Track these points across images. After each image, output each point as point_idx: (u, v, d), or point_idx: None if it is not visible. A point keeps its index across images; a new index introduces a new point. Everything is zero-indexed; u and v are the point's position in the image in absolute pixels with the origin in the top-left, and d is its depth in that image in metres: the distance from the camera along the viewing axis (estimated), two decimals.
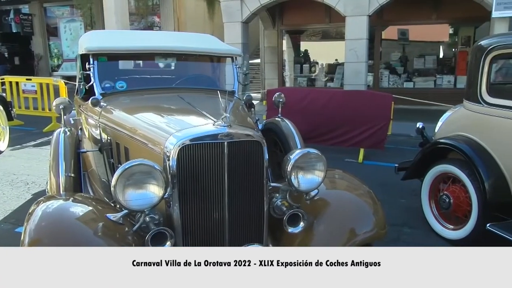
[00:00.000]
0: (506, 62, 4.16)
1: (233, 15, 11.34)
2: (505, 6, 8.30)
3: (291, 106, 5.98)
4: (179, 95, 3.10)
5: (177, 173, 2.04)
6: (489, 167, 3.53)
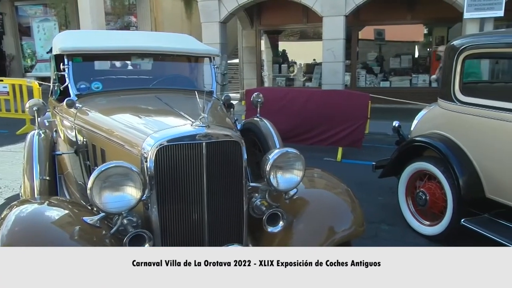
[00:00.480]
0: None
1: (211, 15, 11.29)
2: (475, 8, 8.53)
3: (269, 106, 6.00)
4: (157, 95, 3.07)
5: (155, 175, 2.02)
6: (463, 164, 3.62)
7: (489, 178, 3.50)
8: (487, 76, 8.95)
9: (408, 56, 12.80)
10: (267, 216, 2.24)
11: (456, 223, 3.57)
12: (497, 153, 3.40)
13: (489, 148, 3.47)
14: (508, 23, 10.18)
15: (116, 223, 1.98)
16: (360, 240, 2.67)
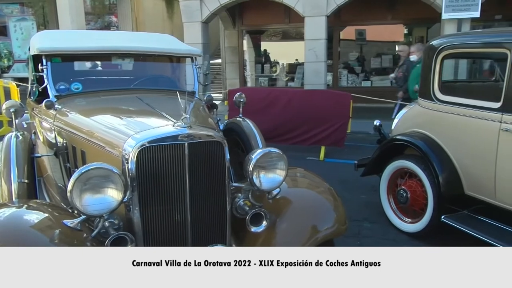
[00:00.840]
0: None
1: (193, 15, 11.23)
2: (453, 9, 8.69)
3: (252, 106, 6.01)
4: (138, 96, 3.04)
5: (136, 176, 2.00)
6: (442, 162, 3.69)
7: (468, 175, 3.57)
8: (465, 75, 9.14)
9: (389, 56, 12.95)
10: (250, 216, 2.24)
11: (436, 219, 3.63)
12: (475, 150, 3.47)
13: (467, 145, 3.54)
14: (484, 23, 10.42)
15: (97, 226, 1.95)
16: (343, 238, 2.70)
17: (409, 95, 7.16)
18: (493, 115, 3.29)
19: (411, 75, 7.16)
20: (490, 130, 3.30)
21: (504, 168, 3.24)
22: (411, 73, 7.19)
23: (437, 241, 3.77)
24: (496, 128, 3.25)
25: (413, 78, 7.04)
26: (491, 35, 3.71)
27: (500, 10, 10.52)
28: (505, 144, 3.21)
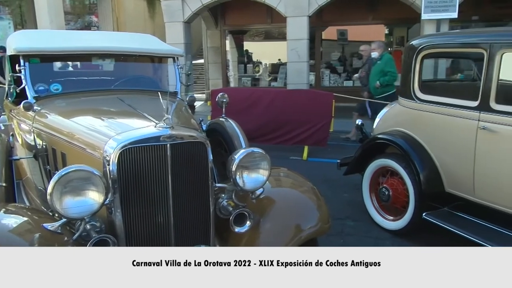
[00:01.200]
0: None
1: (174, 15, 11.16)
2: (432, 9, 8.85)
3: (235, 106, 5.99)
4: (119, 97, 3.01)
5: (118, 178, 1.98)
6: (423, 160, 3.75)
7: (448, 173, 3.64)
8: (444, 74, 9.32)
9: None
10: (234, 216, 2.25)
11: (418, 217, 3.69)
12: (454, 148, 3.54)
13: (447, 143, 3.61)
14: (462, 24, 10.63)
15: (78, 229, 1.93)
16: (326, 236, 2.72)
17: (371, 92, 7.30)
18: (471, 113, 3.36)
19: (372, 72, 7.28)
20: (469, 128, 3.37)
21: (482, 165, 3.31)
22: (372, 69, 7.31)
23: (419, 238, 3.83)
24: (474, 126, 3.32)
25: (374, 74, 7.20)
26: (468, 35, 3.79)
27: (476, 11, 10.76)
28: (483, 141, 3.28)
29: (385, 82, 7.03)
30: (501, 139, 3.15)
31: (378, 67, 7.17)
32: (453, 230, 3.34)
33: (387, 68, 7.05)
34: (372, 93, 7.27)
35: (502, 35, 3.39)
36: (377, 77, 7.10)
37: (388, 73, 7.02)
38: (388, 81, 7.04)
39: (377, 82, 7.05)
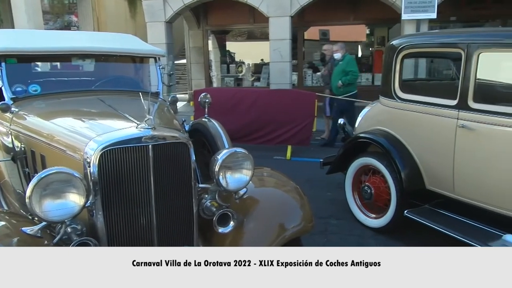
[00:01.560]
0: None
1: (156, 15, 11.07)
2: (412, 10, 9.00)
3: (218, 106, 5.99)
4: (99, 97, 2.97)
5: (99, 180, 1.96)
6: (404, 158, 3.80)
7: (428, 171, 3.70)
8: (424, 74, 9.47)
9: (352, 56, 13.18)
10: (218, 217, 2.24)
11: (399, 214, 3.74)
12: (434, 146, 3.60)
13: (427, 142, 3.67)
14: (441, 24, 10.83)
15: (59, 232, 1.89)
16: (310, 235, 2.74)
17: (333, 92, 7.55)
18: (450, 112, 3.42)
19: (334, 72, 7.57)
20: (448, 127, 3.43)
21: (461, 163, 3.38)
22: (334, 70, 7.58)
23: (401, 235, 3.89)
24: (453, 125, 3.39)
25: (336, 74, 7.47)
26: (447, 35, 3.86)
27: (454, 12, 10.98)
28: (462, 139, 3.34)
29: (346, 82, 7.31)
30: (479, 137, 3.22)
31: (340, 67, 7.46)
32: (434, 227, 3.40)
33: (349, 68, 7.36)
34: (335, 92, 7.55)
35: (478, 35, 3.47)
36: (339, 77, 7.38)
37: (350, 72, 7.33)
38: (350, 81, 7.35)
39: (339, 82, 7.32)
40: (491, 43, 3.26)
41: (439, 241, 3.50)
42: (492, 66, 3.35)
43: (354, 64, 7.52)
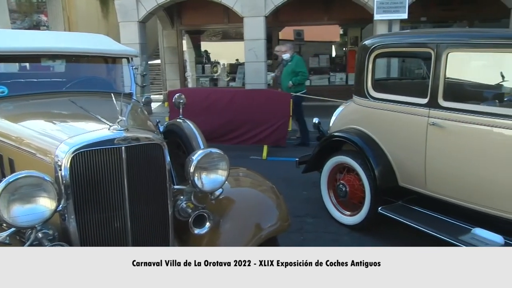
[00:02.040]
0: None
1: (129, 14, 10.91)
2: (383, 10, 9.17)
3: (193, 107, 5.96)
4: (71, 99, 2.91)
5: (71, 183, 1.91)
6: (377, 156, 3.87)
7: (401, 168, 3.78)
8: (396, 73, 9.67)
9: (326, 56, 13.38)
10: (193, 218, 2.22)
11: (374, 211, 3.80)
12: (406, 144, 3.68)
13: (400, 139, 3.75)
14: (412, 24, 11.08)
15: (29, 238, 1.84)
16: (286, 234, 2.75)
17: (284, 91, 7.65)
18: (421, 110, 3.50)
19: (284, 72, 7.70)
20: (419, 125, 3.51)
21: (433, 160, 3.46)
22: (284, 70, 7.70)
23: (375, 232, 3.95)
24: (424, 123, 3.47)
25: (286, 75, 7.61)
26: (417, 35, 3.95)
27: (425, 12, 11.27)
28: (433, 137, 3.43)
29: (297, 82, 7.44)
30: (449, 134, 3.31)
31: (289, 67, 7.57)
32: (407, 223, 3.47)
33: (298, 68, 7.48)
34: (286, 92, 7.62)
35: (447, 35, 3.56)
36: (289, 77, 7.51)
37: (299, 73, 7.46)
38: (300, 81, 7.49)
39: (290, 82, 7.45)
40: (459, 43, 3.35)
41: (413, 237, 3.59)
42: (460, 65, 3.45)
43: (303, 65, 7.67)
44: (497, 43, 3.17)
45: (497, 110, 3.10)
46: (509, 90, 3.55)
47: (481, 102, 3.43)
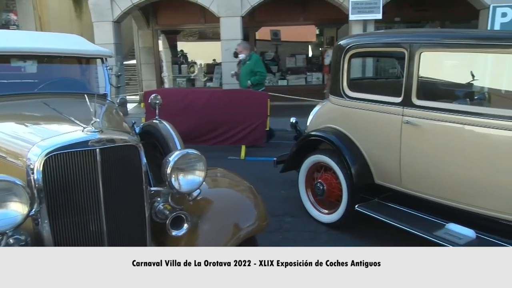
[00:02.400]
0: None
1: (103, 14, 10.73)
2: (358, 11, 9.31)
3: (170, 107, 5.91)
4: (43, 100, 2.84)
5: (44, 187, 1.87)
6: (354, 155, 3.92)
7: (377, 166, 3.84)
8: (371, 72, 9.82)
9: (303, 56, 13.48)
10: (171, 220, 2.20)
11: (351, 209, 3.85)
12: (381, 142, 3.74)
13: (375, 138, 3.81)
14: (386, 25, 11.28)
15: (0, 244, 1.79)
16: (265, 234, 2.76)
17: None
18: (396, 109, 3.56)
19: (242, 71, 7.71)
20: (394, 123, 3.57)
21: (407, 157, 3.53)
22: (242, 70, 7.72)
23: (353, 229, 4.01)
24: (398, 121, 3.53)
25: (244, 74, 7.62)
26: (391, 35, 4.02)
27: (398, 13, 11.49)
28: (407, 135, 3.50)
29: (255, 82, 7.45)
30: (422, 132, 3.39)
31: (247, 67, 7.57)
32: (383, 220, 3.53)
33: (256, 68, 7.49)
34: None
35: (420, 35, 3.64)
36: (248, 77, 7.51)
37: (258, 73, 7.46)
38: (258, 81, 7.50)
39: (248, 82, 7.47)
40: (431, 43, 3.43)
41: (390, 233, 3.65)
42: (432, 64, 3.53)
43: (261, 64, 7.69)
44: (468, 43, 3.26)
45: (468, 108, 3.19)
46: (479, 89, 3.66)
47: (453, 101, 3.53)
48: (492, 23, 9.06)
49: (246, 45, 7.86)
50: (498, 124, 2.93)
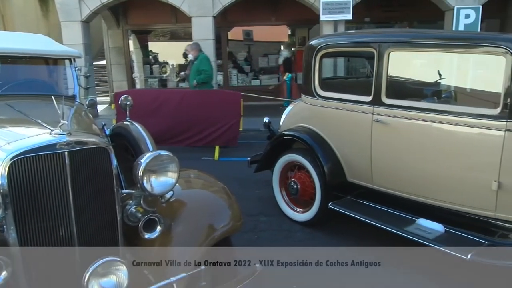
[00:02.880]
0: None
1: (71, 14, 10.47)
2: (329, 11, 9.45)
3: (142, 108, 5.83)
4: (8, 103, 2.75)
5: (9, 192, 1.81)
6: (326, 153, 3.97)
7: (349, 164, 3.90)
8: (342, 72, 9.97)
9: (275, 56, 13.53)
10: (143, 223, 2.17)
11: (324, 207, 3.89)
12: (353, 140, 3.81)
13: (347, 136, 3.87)
14: (357, 25, 11.49)
15: None
16: (240, 234, 2.74)
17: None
18: (366, 108, 3.63)
19: (191, 71, 7.91)
20: (364, 122, 3.64)
21: (378, 155, 3.60)
22: (191, 69, 7.92)
23: (327, 226, 4.04)
24: (369, 120, 3.60)
25: (192, 74, 7.82)
26: (361, 35, 4.10)
27: (368, 13, 11.71)
28: (377, 133, 3.57)
29: (200, 81, 7.62)
30: (392, 130, 3.46)
31: (195, 67, 7.77)
32: (356, 217, 3.58)
33: (202, 67, 7.66)
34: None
35: (389, 35, 3.72)
36: (194, 76, 7.70)
37: (203, 71, 7.63)
38: (204, 80, 7.67)
39: (194, 81, 7.66)
40: (399, 43, 3.51)
41: (362, 230, 3.70)
42: (401, 64, 3.62)
43: (207, 64, 7.80)
44: (435, 43, 3.35)
45: (436, 106, 3.28)
46: (446, 88, 3.77)
47: (421, 99, 3.63)
48: (457, 24, 9.38)
49: (195, 46, 7.99)
50: (464, 122, 3.03)
